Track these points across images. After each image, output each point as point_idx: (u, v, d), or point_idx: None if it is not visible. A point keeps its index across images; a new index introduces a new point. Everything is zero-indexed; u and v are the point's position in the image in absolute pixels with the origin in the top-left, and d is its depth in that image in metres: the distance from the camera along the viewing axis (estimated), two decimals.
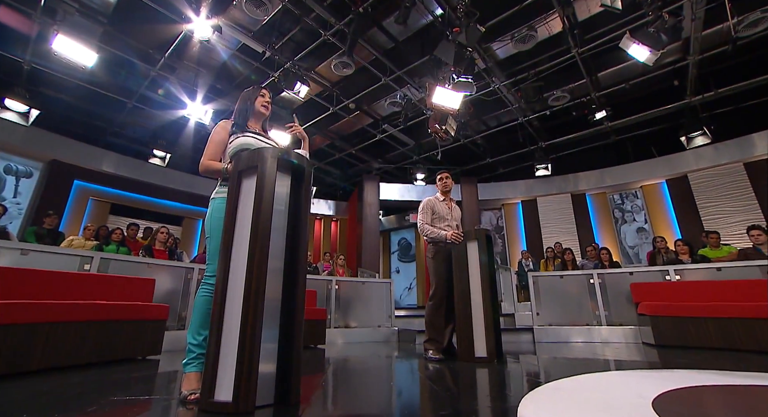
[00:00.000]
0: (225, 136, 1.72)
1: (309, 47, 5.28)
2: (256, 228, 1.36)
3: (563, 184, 7.71)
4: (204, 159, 1.67)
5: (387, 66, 5.69)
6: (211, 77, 5.85)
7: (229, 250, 1.39)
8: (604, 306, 4.06)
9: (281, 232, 1.48)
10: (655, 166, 6.69)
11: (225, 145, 1.72)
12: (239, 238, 1.40)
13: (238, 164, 1.48)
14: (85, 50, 4.00)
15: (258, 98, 1.84)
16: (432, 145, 8.61)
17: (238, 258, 1.37)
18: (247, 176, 1.47)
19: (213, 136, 1.72)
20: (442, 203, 3.21)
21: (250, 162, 1.46)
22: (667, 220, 6.51)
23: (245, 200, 1.44)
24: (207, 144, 1.72)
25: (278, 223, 1.45)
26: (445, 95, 4.19)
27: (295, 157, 1.52)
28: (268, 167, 1.42)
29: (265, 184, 1.40)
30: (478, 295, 2.68)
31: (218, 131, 1.74)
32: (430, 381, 2.02)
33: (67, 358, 2.15)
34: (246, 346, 1.23)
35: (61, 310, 2.15)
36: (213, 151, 1.69)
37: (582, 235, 7.27)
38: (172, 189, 7.87)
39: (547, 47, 5.54)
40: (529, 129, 7.43)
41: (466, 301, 2.68)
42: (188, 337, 1.48)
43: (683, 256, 4.07)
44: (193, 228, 8.41)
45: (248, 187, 1.45)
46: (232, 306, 1.32)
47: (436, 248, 3.03)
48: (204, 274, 1.59)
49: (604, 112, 5.73)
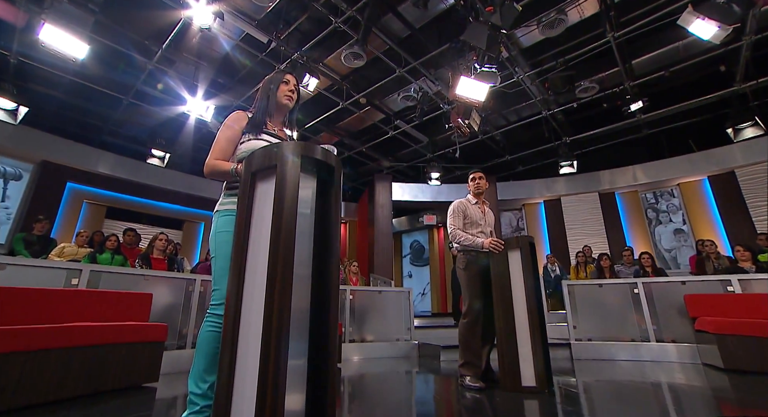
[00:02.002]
0: (237, 133, 1.45)
1: (317, 37, 5.01)
2: (277, 240, 1.08)
3: (590, 182, 7.35)
4: (210, 158, 1.41)
5: (401, 56, 5.40)
6: (212, 71, 5.61)
7: (242, 269, 1.12)
8: (652, 319, 3.73)
9: (307, 240, 1.20)
10: (695, 162, 6.32)
11: (236, 143, 1.44)
12: (255, 253, 1.13)
13: (251, 164, 1.20)
14: (75, 41, 3.76)
15: (281, 86, 1.56)
16: (446, 142, 8.31)
17: (254, 278, 1.10)
18: (263, 178, 1.19)
19: (223, 132, 1.45)
20: (475, 206, 2.92)
21: (266, 161, 1.18)
22: (709, 220, 6.13)
23: (261, 208, 1.17)
24: (214, 140, 1.45)
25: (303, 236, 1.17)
26: (470, 86, 3.90)
27: (321, 154, 1.24)
28: (289, 167, 1.14)
29: (287, 189, 1.12)
30: (523, 314, 2.38)
31: (229, 125, 1.46)
32: None
33: (48, 392, 1.89)
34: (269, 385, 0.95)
35: (39, 336, 1.89)
36: (221, 150, 1.42)
37: (612, 237, 6.91)
38: (171, 191, 7.65)
39: (577, 33, 5.21)
40: (553, 123, 7.10)
41: (509, 321, 2.38)
42: (189, 385, 1.21)
43: (744, 263, 3.72)
44: (194, 232, 8.20)
45: (265, 191, 1.18)
46: (248, 337, 1.04)
47: (469, 258, 2.73)
48: (209, 304, 1.31)
49: (640, 103, 5.38)
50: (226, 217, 1.39)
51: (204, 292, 3.54)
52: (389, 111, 7.22)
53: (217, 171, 1.39)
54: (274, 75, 1.59)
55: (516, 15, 3.18)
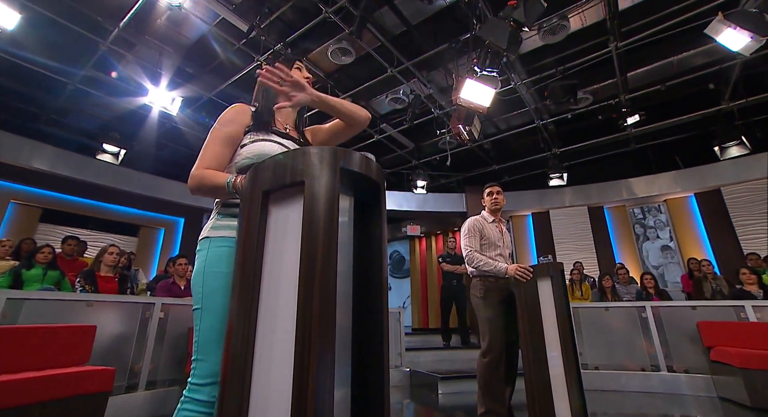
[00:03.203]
0: (238, 131, 1.09)
1: (303, 28, 4.62)
2: (309, 294, 0.71)
3: (579, 195, 7.37)
4: (197, 167, 1.03)
5: (394, 55, 5.10)
6: (179, 58, 5.04)
7: (251, 332, 0.74)
8: (662, 347, 3.59)
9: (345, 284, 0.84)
10: (682, 178, 6.46)
11: (236, 145, 1.08)
12: (271, 307, 0.76)
13: (261, 178, 0.82)
14: (2, 7, 3.15)
15: (292, 72, 1.21)
16: (433, 149, 8.09)
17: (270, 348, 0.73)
18: (282, 200, 0.82)
19: (217, 131, 1.09)
20: (492, 225, 2.64)
21: (286, 174, 0.80)
22: (696, 238, 6.26)
23: (279, 241, 0.80)
24: (205, 142, 1.07)
25: (342, 279, 0.80)
26: (476, 90, 3.66)
27: (363, 165, 0.87)
28: (324, 185, 0.77)
29: (322, 217, 0.75)
30: (556, 349, 2.11)
31: (227, 120, 1.10)
32: None
33: None
34: None
35: None
36: (214, 155, 1.05)
37: (601, 252, 6.93)
38: (126, 192, 6.87)
39: (577, 41, 5.16)
40: (545, 133, 7.06)
41: (542, 361, 2.09)
42: None
43: (751, 286, 3.68)
44: (152, 239, 7.43)
45: (284, 219, 0.80)
46: None
47: (488, 285, 2.44)
48: (188, 382, 0.90)
49: (637, 116, 5.38)
50: (221, 249, 1.00)
51: (165, 319, 3.01)
52: (375, 113, 6.90)
53: (208, 185, 1.00)
54: (281, 61, 1.23)
55: (541, 11, 2.97)
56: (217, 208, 1.11)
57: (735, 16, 2.88)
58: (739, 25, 2.85)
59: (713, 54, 5.34)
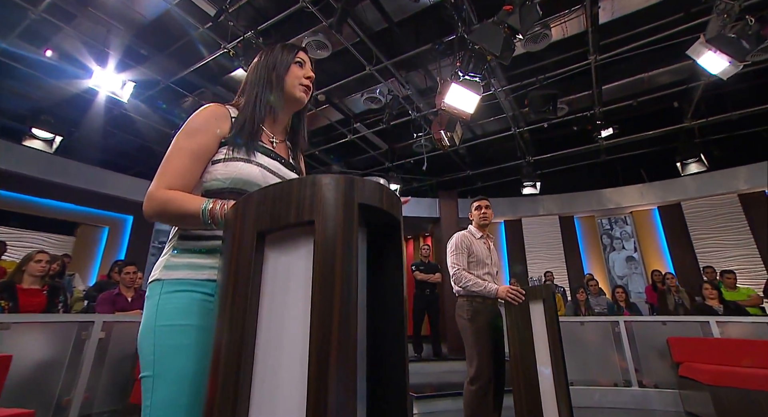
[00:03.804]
0: (211, 142, 0.89)
1: (278, 16, 4.35)
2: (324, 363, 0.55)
3: (551, 204, 7.60)
4: (157, 186, 0.84)
5: (373, 53, 4.96)
6: (130, 37, 4.58)
7: None
8: (634, 362, 3.72)
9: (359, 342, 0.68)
10: (647, 191, 6.83)
11: (207, 160, 0.88)
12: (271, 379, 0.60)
13: (254, 214, 0.65)
14: None
15: (292, 69, 1.01)
16: (407, 152, 8.05)
17: None
18: (282, 244, 0.65)
19: (183, 140, 0.88)
20: (480, 241, 2.56)
21: (289, 211, 0.63)
22: (658, 249, 6.65)
23: (280, 294, 0.63)
24: (168, 153, 0.86)
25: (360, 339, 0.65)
26: (461, 95, 3.60)
27: (385, 199, 0.72)
28: (341, 226, 0.62)
29: (338, 269, 0.60)
30: (548, 379, 2.06)
31: (199, 126, 0.90)
32: None
33: None
34: None
35: None
36: (178, 171, 0.84)
37: (570, 262, 7.18)
38: (62, 185, 6.19)
39: (557, 51, 5.29)
40: (520, 141, 7.21)
41: (534, 389, 2.04)
42: None
43: (712, 301, 3.90)
44: (93, 238, 6.73)
45: (287, 269, 0.64)
46: None
47: (475, 306, 2.36)
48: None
49: (611, 129, 5.61)
50: (179, 296, 0.80)
51: (106, 339, 2.67)
52: (349, 112, 6.73)
53: (174, 211, 0.81)
54: (276, 50, 1.03)
55: (537, 19, 2.95)
56: (172, 240, 0.89)
57: (716, 40, 3.03)
58: (719, 49, 2.99)
59: (680, 73, 5.70)
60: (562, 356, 2.13)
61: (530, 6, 2.85)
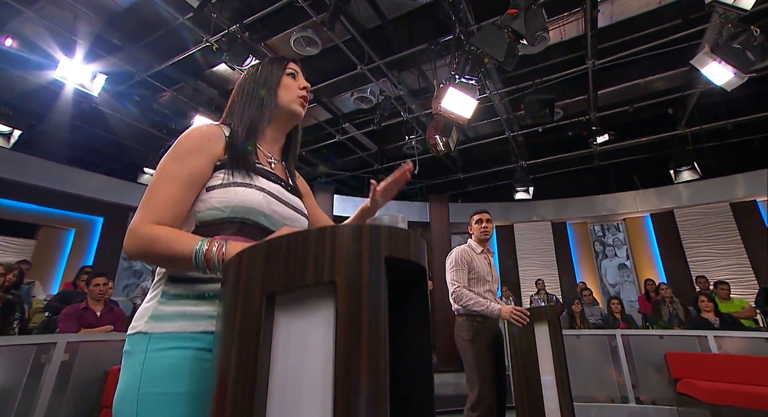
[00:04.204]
0: (205, 167, 0.81)
1: (265, 10, 4.22)
2: None
3: (544, 210, 7.66)
4: (142, 220, 0.73)
5: (365, 51, 4.87)
6: (101, 24, 4.35)
7: None
8: (631, 377, 3.74)
9: None
10: (640, 198, 6.95)
11: (200, 187, 0.81)
12: None
13: (261, 269, 0.56)
14: None
15: (284, 81, 0.96)
16: (396, 153, 7.99)
17: None
18: (296, 306, 0.57)
19: (174, 162, 0.80)
20: (480, 256, 2.51)
21: (305, 270, 0.55)
22: (650, 257, 6.77)
23: (294, 375, 0.55)
24: (154, 179, 0.78)
25: None
26: (458, 100, 3.55)
27: (409, 249, 0.64)
28: (367, 287, 0.54)
29: (364, 338, 0.52)
30: (554, 403, 2.02)
31: (191, 149, 0.81)
32: None
33: None
34: None
35: None
36: (170, 202, 0.76)
37: (562, 269, 7.25)
38: (21, 183, 5.86)
39: (554, 54, 5.32)
40: (513, 145, 7.24)
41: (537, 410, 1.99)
42: None
43: (708, 314, 3.97)
44: (57, 242, 6.40)
45: (303, 337, 0.56)
46: None
47: (476, 327, 2.30)
48: None
49: (606, 136, 5.67)
50: (168, 355, 0.70)
51: (69, 363, 2.50)
52: (338, 112, 6.62)
53: (161, 252, 0.71)
54: (264, 64, 0.98)
55: (542, 24, 2.91)
56: (160, 283, 0.78)
57: (721, 50, 3.06)
58: (724, 60, 3.03)
59: (675, 80, 5.82)
60: (568, 381, 2.10)
61: (536, 10, 2.81)
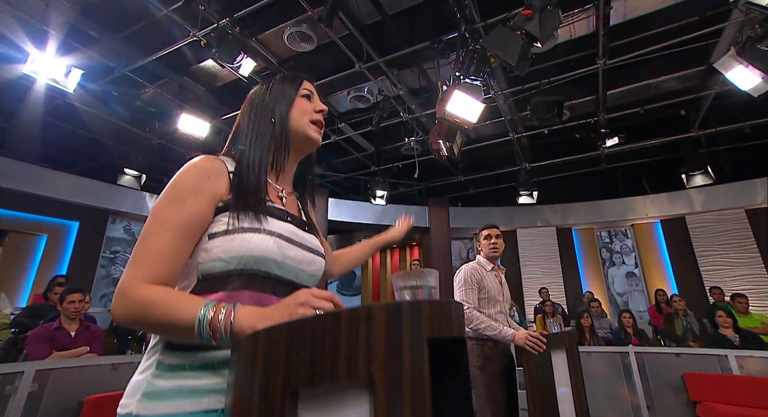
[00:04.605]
0: (205, 210, 0.72)
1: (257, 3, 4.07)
2: None
3: (548, 215, 7.58)
4: (135, 277, 0.64)
5: (363, 48, 4.74)
6: (75, 14, 4.17)
7: None
8: (646, 397, 3.65)
9: None
10: (649, 203, 6.88)
11: (200, 233, 0.71)
12: None
13: (281, 362, 0.44)
14: None
15: (298, 103, 0.87)
16: (394, 154, 7.87)
17: None
18: (323, 404, 0.44)
19: (170, 207, 0.70)
20: (491, 274, 2.40)
21: (336, 362, 0.42)
22: (660, 266, 6.70)
23: None
24: (147, 227, 0.68)
25: None
26: (464, 103, 3.43)
27: (454, 322, 0.53)
28: (410, 380, 0.41)
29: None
30: None
31: (189, 189, 0.72)
32: None
33: None
34: None
35: None
36: (165, 254, 0.66)
37: (567, 277, 7.17)
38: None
39: (562, 53, 5.23)
40: (517, 146, 7.15)
41: None
42: None
43: (726, 330, 3.88)
44: (26, 249, 6.18)
45: None
46: None
47: (486, 352, 2.20)
48: None
49: (616, 139, 5.59)
50: None
51: (38, 393, 2.35)
52: (334, 111, 6.48)
53: (158, 319, 0.61)
54: (275, 84, 0.88)
55: (558, 25, 2.80)
56: (154, 350, 0.68)
57: (747, 53, 2.97)
58: (752, 64, 2.94)
59: (689, 80, 5.74)
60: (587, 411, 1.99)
61: (552, 11, 2.69)
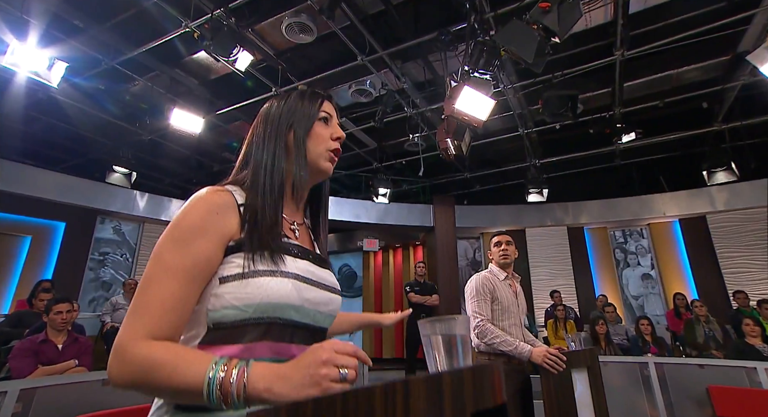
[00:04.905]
0: (214, 251, 0.66)
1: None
2: None
3: (559, 213, 7.43)
4: (135, 333, 0.58)
5: (366, 40, 4.61)
6: (58, 2, 4.04)
7: None
8: (667, 411, 3.53)
9: None
10: (668, 201, 6.71)
11: (209, 277, 0.66)
12: None
13: None
14: None
15: (316, 128, 0.84)
16: (397, 150, 7.73)
17: None
18: None
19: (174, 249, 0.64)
20: (504, 284, 2.28)
21: None
22: (678, 267, 6.55)
23: None
24: (148, 274, 0.62)
25: None
26: (474, 100, 3.29)
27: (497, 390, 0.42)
28: None
29: None
30: None
31: (195, 228, 0.66)
32: None
33: None
34: None
35: None
36: (169, 305, 0.60)
37: (579, 279, 7.03)
38: None
39: (577, 43, 5.06)
40: (526, 141, 6.99)
41: None
42: None
43: (754, 339, 3.75)
44: (7, 252, 5.93)
45: None
46: None
47: (503, 367, 2.06)
48: None
49: (633, 134, 5.43)
50: None
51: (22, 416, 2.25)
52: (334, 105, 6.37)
53: (160, 382, 0.55)
54: (292, 100, 0.84)
55: (578, 18, 2.64)
56: (164, 412, 0.62)
57: None
58: None
59: (712, 71, 5.55)
60: None
61: (572, 3, 2.54)
